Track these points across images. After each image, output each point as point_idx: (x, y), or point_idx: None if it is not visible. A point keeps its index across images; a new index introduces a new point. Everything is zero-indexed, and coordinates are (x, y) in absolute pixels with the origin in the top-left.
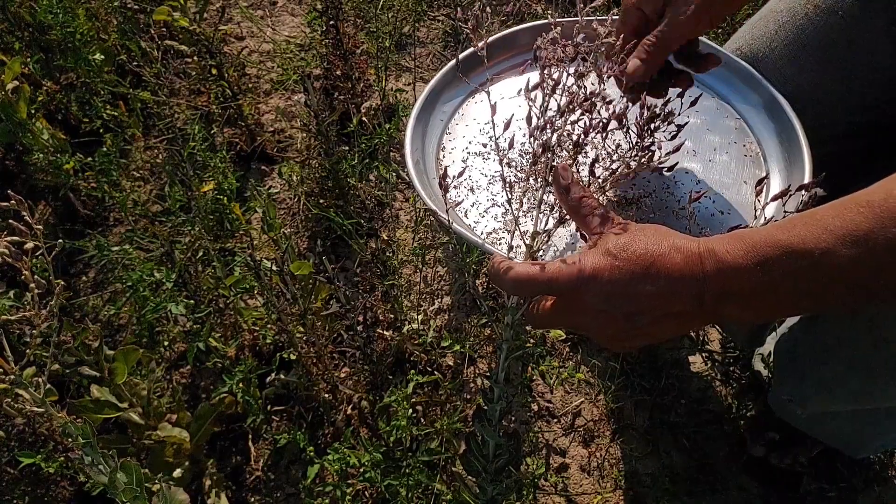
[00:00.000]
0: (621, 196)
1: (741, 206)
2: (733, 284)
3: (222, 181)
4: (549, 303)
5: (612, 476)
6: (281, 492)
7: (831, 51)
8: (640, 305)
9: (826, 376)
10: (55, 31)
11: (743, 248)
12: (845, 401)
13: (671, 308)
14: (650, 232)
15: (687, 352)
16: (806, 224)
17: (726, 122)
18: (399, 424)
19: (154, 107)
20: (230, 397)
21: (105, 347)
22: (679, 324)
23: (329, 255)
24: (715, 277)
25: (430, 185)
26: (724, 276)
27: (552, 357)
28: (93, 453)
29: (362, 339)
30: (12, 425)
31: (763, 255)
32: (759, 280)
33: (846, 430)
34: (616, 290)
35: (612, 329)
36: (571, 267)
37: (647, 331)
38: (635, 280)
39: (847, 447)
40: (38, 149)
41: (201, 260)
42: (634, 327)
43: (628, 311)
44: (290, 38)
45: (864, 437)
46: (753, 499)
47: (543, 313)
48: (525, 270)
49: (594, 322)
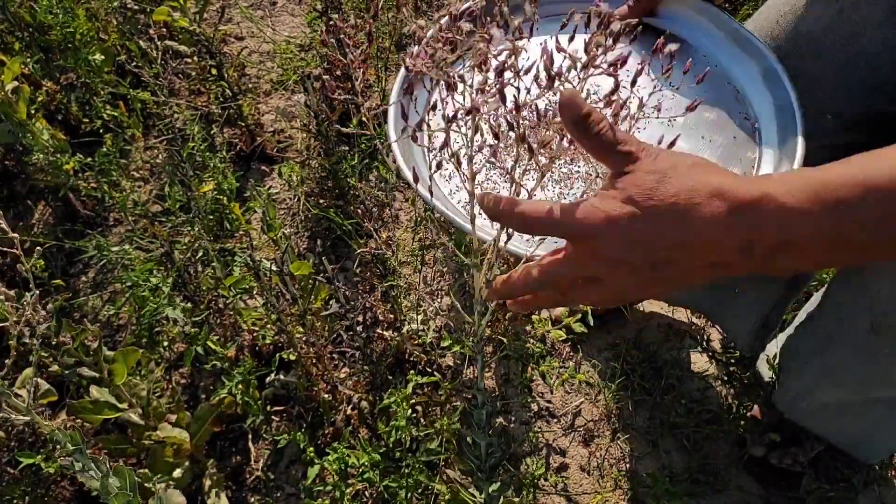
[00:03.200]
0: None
1: None
2: (795, 233)
3: (222, 181)
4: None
5: (612, 476)
6: (281, 492)
7: (830, 40)
8: (669, 255)
9: (829, 363)
10: (55, 32)
11: (809, 189)
12: (850, 388)
13: (708, 258)
14: (683, 171)
15: (687, 352)
16: (884, 158)
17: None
18: (398, 425)
19: (154, 107)
20: (230, 398)
21: (104, 348)
22: (716, 272)
23: (329, 255)
24: (772, 227)
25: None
26: (785, 225)
27: (552, 357)
28: (83, 459)
29: (362, 340)
30: (12, 425)
31: (837, 198)
32: (828, 227)
33: (855, 428)
34: (641, 238)
35: (635, 280)
36: (589, 208)
37: (676, 280)
38: (665, 228)
39: (857, 449)
40: (38, 149)
41: (201, 260)
42: (661, 277)
43: (655, 261)
44: (290, 38)
45: (874, 438)
46: (753, 499)
47: (553, 263)
48: (534, 207)
49: (613, 273)
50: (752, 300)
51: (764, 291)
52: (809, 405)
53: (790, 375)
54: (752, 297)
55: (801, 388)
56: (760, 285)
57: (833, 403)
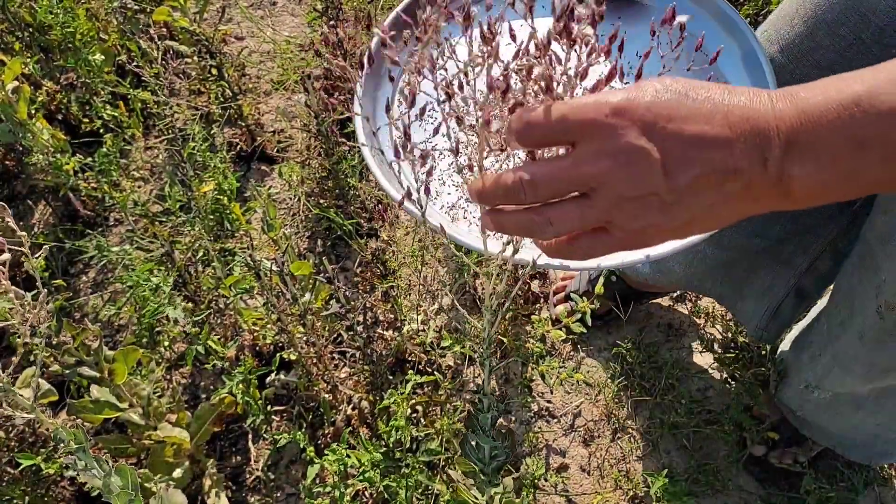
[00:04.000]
0: None
1: None
2: (811, 133)
3: (222, 181)
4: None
5: (612, 476)
6: (281, 492)
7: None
8: (687, 149)
9: (839, 351)
10: (55, 32)
11: (828, 92)
12: (860, 376)
13: (726, 161)
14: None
15: (687, 352)
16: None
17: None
18: (398, 425)
19: (154, 107)
20: (230, 397)
21: (105, 348)
22: (728, 197)
23: (329, 255)
24: (788, 119)
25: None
26: (801, 120)
27: (552, 357)
28: (86, 458)
29: (362, 340)
30: (12, 426)
31: (857, 100)
32: (849, 133)
33: (869, 424)
34: (662, 115)
35: (644, 187)
36: (599, 96)
37: (686, 201)
38: (683, 111)
39: (863, 450)
40: (39, 149)
41: (201, 260)
42: (672, 190)
43: (670, 157)
44: (290, 38)
45: (887, 436)
46: (753, 499)
47: (552, 162)
48: (536, 110)
49: (623, 173)
50: (765, 286)
51: (778, 278)
52: (820, 396)
53: (802, 368)
54: (766, 283)
55: (813, 379)
56: (775, 271)
57: (845, 394)
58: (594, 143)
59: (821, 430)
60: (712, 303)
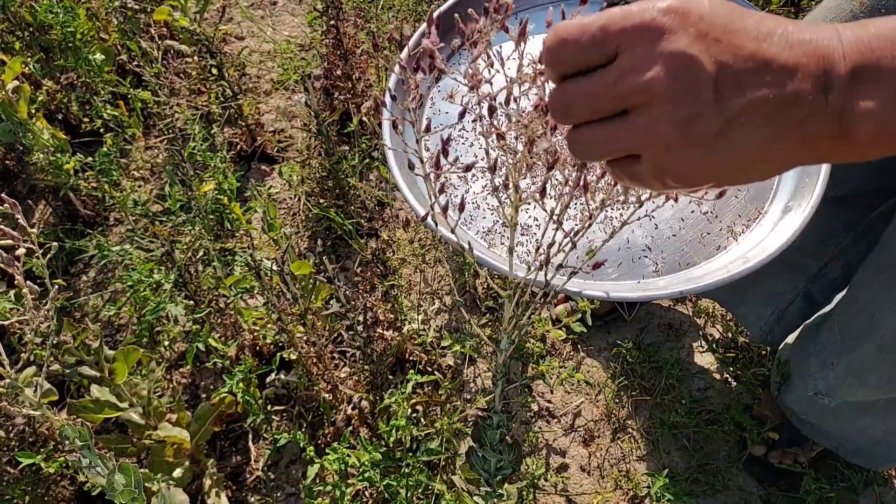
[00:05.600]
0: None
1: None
2: (884, 58)
3: (222, 181)
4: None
5: (612, 476)
6: (281, 492)
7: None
8: (743, 67)
9: (855, 363)
10: (55, 31)
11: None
12: (875, 387)
13: (785, 84)
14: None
15: (687, 352)
16: None
17: None
18: (399, 424)
19: (154, 107)
20: (230, 397)
21: (105, 347)
22: (781, 133)
23: (329, 255)
24: (856, 43)
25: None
26: (872, 46)
27: (552, 357)
28: (91, 455)
29: (362, 339)
30: (12, 425)
31: None
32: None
33: (875, 429)
34: (717, 25)
35: (689, 105)
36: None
37: (732, 133)
38: (740, 25)
39: (864, 454)
40: (39, 149)
41: (201, 260)
42: (721, 112)
43: (724, 74)
44: (290, 38)
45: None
46: (753, 499)
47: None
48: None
49: (669, 85)
50: (770, 292)
51: (784, 283)
52: (829, 403)
53: (810, 374)
54: (772, 288)
55: (823, 387)
56: (780, 276)
57: (857, 402)
58: (639, 48)
59: (824, 433)
60: (712, 303)
